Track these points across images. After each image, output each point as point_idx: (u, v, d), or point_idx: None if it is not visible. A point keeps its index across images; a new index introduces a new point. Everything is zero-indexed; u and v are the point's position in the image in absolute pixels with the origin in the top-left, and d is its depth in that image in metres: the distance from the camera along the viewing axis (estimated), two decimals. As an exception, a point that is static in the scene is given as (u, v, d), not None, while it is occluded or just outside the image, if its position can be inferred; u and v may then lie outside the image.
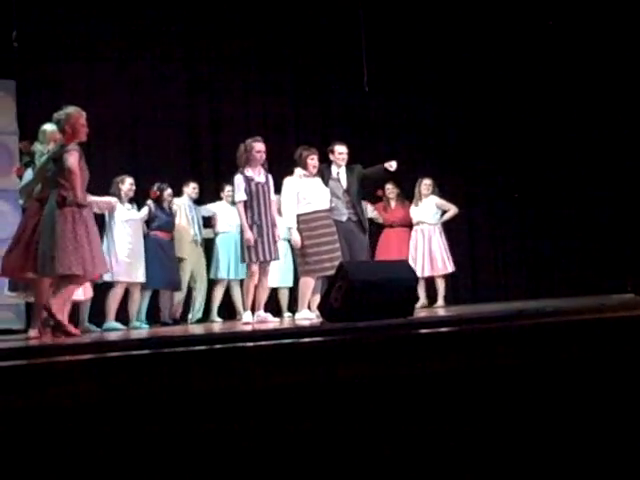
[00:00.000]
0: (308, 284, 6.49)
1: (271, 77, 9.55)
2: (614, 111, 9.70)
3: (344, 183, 6.79)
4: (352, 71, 9.19)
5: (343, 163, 6.83)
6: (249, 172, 6.35)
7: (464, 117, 10.40)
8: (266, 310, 6.54)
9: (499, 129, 10.42)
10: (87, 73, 8.38)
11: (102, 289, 6.97)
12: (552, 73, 10.07)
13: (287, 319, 7.38)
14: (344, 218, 6.71)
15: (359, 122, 9.84)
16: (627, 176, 9.66)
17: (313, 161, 6.63)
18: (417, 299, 7.89)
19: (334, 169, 6.84)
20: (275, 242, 6.41)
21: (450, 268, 8.31)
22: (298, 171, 6.65)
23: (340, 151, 6.81)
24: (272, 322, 6.38)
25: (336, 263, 6.11)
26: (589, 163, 9.97)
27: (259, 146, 6.38)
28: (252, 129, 7.61)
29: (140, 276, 7.11)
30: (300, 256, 6.55)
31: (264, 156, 6.42)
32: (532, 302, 7.28)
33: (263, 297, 6.46)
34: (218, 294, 7.99)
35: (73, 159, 4.95)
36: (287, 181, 6.65)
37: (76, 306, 6.74)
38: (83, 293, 6.32)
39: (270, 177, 6.46)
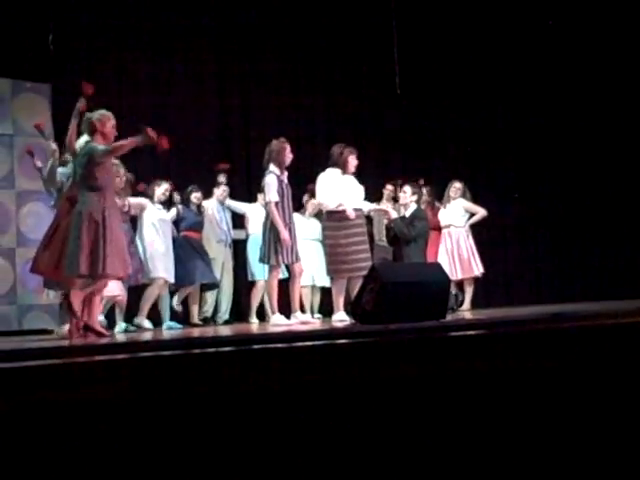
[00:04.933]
0: (342, 285, 6.38)
1: (303, 78, 9.56)
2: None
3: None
4: (384, 73, 9.18)
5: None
6: (279, 173, 6.32)
7: (497, 121, 10.34)
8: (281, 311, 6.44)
9: (532, 133, 10.35)
10: (121, 76, 8.44)
11: (137, 289, 7.01)
12: (582, 78, 10.03)
13: (318, 321, 7.34)
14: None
15: (390, 124, 9.81)
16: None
17: (354, 160, 6.54)
18: (457, 298, 7.83)
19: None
20: (296, 243, 6.35)
21: (478, 271, 8.20)
22: (332, 171, 6.52)
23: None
24: (311, 323, 6.34)
25: (369, 263, 6.07)
26: (623, 166, 9.87)
27: (288, 148, 6.36)
28: (283, 129, 7.58)
29: (171, 275, 7.14)
30: (333, 255, 6.36)
31: (291, 157, 6.39)
32: (567, 305, 7.19)
33: (297, 297, 6.43)
34: (257, 296, 7.97)
35: (103, 149, 5.11)
36: (329, 173, 6.48)
37: (112, 307, 6.80)
38: (116, 289, 6.34)
39: None
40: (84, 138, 5.48)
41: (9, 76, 7.78)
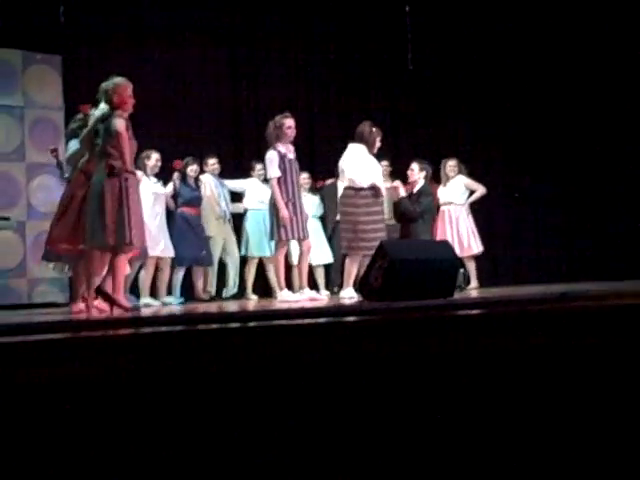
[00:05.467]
0: (357, 261, 6.31)
1: (314, 57, 9.50)
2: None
3: None
4: (396, 49, 9.11)
5: None
6: (281, 148, 6.28)
7: (506, 100, 10.28)
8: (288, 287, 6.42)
9: (543, 112, 10.28)
10: (132, 49, 8.40)
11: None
12: (592, 69, 9.97)
13: (326, 297, 7.35)
14: None
15: (402, 100, 9.77)
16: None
17: (379, 142, 6.51)
18: (465, 277, 7.79)
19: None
20: (306, 220, 6.36)
21: (477, 249, 8.14)
22: (359, 147, 6.43)
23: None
24: (320, 299, 6.35)
25: None
26: (633, 149, 9.81)
27: (289, 122, 6.29)
28: (293, 106, 7.53)
29: (167, 250, 7.05)
30: (352, 232, 6.29)
31: (294, 132, 6.32)
32: (574, 285, 7.18)
33: (306, 274, 6.44)
34: (251, 271, 7.96)
35: (120, 124, 4.92)
36: (357, 150, 6.41)
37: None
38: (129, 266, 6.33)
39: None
40: (101, 106, 5.37)
41: (20, 47, 7.76)
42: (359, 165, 6.33)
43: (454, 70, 9.93)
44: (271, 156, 6.26)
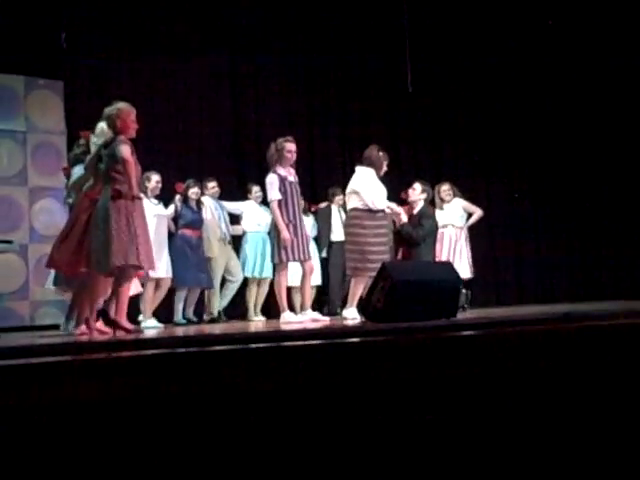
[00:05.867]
0: (362, 283, 6.25)
1: (315, 76, 9.57)
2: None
3: None
4: (396, 71, 9.17)
5: None
6: (282, 171, 6.31)
7: (506, 119, 10.34)
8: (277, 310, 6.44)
9: (544, 130, 10.34)
10: (133, 74, 8.46)
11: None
12: (589, 77, 10.01)
13: (328, 318, 7.32)
14: None
15: (402, 122, 9.82)
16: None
17: (386, 166, 6.54)
18: (467, 297, 7.75)
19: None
20: (308, 242, 6.37)
21: (470, 274, 8.11)
22: (369, 171, 6.40)
23: None
24: (323, 321, 6.33)
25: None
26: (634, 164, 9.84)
27: (290, 146, 6.33)
28: (294, 128, 7.59)
29: (164, 271, 7.01)
30: (360, 253, 6.25)
31: (294, 156, 6.36)
32: (579, 305, 7.17)
33: (309, 295, 6.44)
34: (252, 293, 7.97)
35: (125, 150, 4.93)
36: (369, 173, 6.39)
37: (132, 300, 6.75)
38: (136, 288, 6.33)
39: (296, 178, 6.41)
40: (102, 125, 5.38)
41: (22, 73, 7.83)
42: (374, 188, 6.35)
43: (454, 92, 10.00)
44: (271, 179, 6.29)
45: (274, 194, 6.25)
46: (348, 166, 8.71)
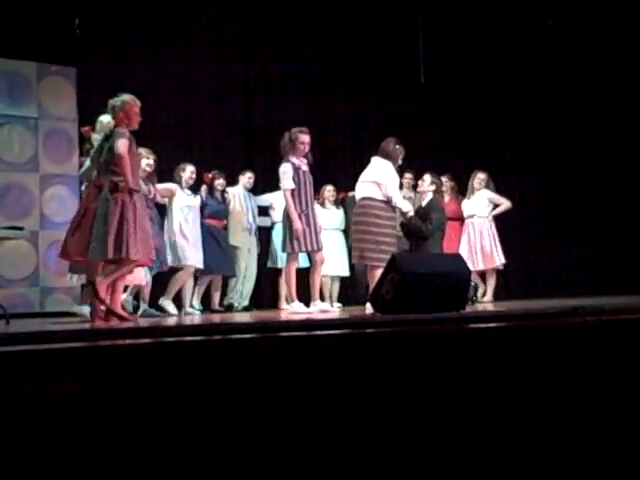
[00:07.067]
0: (378, 271, 6.28)
1: (327, 71, 9.55)
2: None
3: None
4: (409, 63, 9.14)
5: None
6: (295, 160, 6.31)
7: (521, 113, 10.29)
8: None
9: (557, 125, 10.30)
10: (147, 61, 8.46)
11: (161, 275, 7.04)
12: (612, 73, 9.96)
13: (338, 309, 7.35)
14: None
15: (414, 115, 9.79)
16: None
17: (401, 159, 6.50)
18: (476, 289, 7.77)
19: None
20: (319, 232, 6.36)
21: (499, 262, 8.20)
22: (388, 163, 6.33)
23: None
24: (332, 312, 6.34)
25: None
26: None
27: (303, 137, 6.33)
28: (308, 120, 7.57)
29: (200, 262, 7.15)
30: (378, 243, 6.18)
31: (308, 147, 6.35)
32: (588, 299, 7.15)
33: (318, 286, 6.44)
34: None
35: (122, 145, 4.98)
36: (388, 166, 6.31)
37: (138, 291, 6.84)
38: (143, 278, 6.42)
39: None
40: (107, 118, 5.44)
41: (35, 59, 7.83)
42: (392, 181, 6.31)
43: (467, 84, 9.96)
44: (285, 168, 6.29)
45: (287, 183, 6.25)
46: (358, 160, 8.71)
